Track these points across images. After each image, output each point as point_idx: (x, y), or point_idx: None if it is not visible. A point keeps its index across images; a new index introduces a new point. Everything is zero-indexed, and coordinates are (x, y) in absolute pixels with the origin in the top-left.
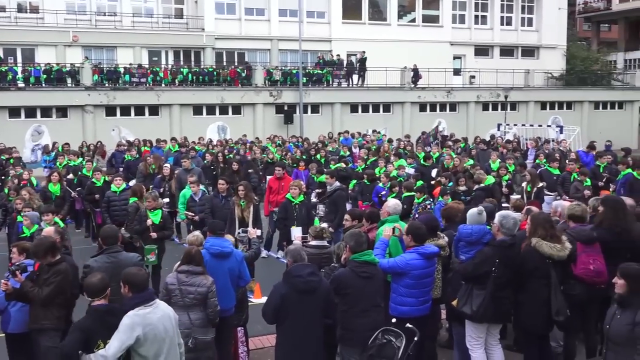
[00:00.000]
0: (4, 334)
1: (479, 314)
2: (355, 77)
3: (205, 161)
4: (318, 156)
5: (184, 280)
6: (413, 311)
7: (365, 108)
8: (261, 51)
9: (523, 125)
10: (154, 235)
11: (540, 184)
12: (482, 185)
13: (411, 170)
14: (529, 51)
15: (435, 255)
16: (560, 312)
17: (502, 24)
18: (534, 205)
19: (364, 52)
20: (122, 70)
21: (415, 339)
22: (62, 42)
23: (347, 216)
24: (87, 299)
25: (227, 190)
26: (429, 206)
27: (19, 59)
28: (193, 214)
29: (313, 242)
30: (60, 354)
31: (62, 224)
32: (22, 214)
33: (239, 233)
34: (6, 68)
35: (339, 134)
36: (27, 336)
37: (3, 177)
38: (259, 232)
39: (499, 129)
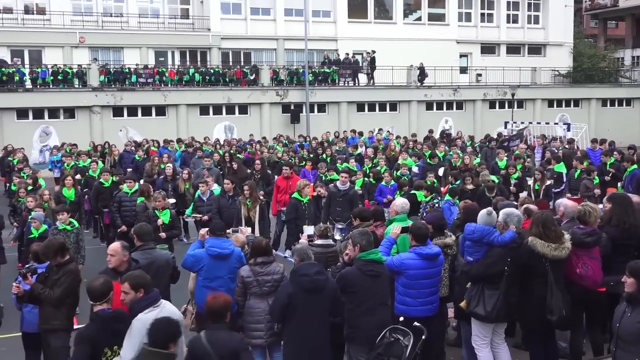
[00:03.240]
0: (20, 333)
1: (493, 315)
2: (362, 76)
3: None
4: (324, 155)
5: (259, 271)
6: (412, 311)
7: (371, 107)
8: (267, 51)
9: (530, 123)
10: (163, 235)
11: (548, 182)
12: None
13: (416, 169)
14: (536, 49)
15: (435, 257)
16: (554, 311)
17: (508, 21)
18: (542, 204)
19: (373, 51)
20: (128, 70)
21: (423, 337)
22: (69, 43)
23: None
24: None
25: (234, 190)
26: (437, 204)
27: (27, 60)
28: (200, 215)
29: (318, 241)
30: None
31: (77, 224)
32: (30, 215)
33: (228, 233)
34: (14, 69)
35: (344, 132)
36: (39, 335)
37: (12, 178)
38: (249, 230)
39: (506, 127)
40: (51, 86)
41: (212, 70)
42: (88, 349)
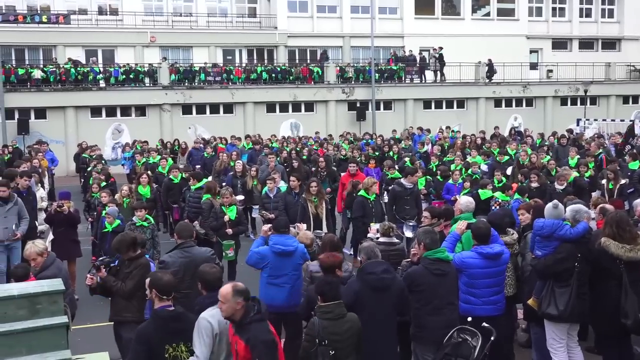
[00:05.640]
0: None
1: (567, 313)
2: (429, 72)
3: (278, 158)
4: (390, 153)
5: None
6: (476, 310)
7: (438, 104)
8: (333, 48)
9: (604, 120)
10: (230, 231)
11: (623, 181)
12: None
13: (485, 167)
14: (610, 43)
15: (497, 256)
16: (629, 315)
17: (581, 15)
18: (616, 204)
19: (440, 47)
20: (197, 69)
21: (492, 338)
22: (140, 42)
23: (426, 213)
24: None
25: (300, 187)
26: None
27: (100, 60)
28: (268, 213)
29: (382, 239)
30: None
31: (153, 220)
32: (105, 210)
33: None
34: (88, 69)
35: (411, 127)
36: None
37: (91, 173)
38: (304, 226)
39: (578, 125)
40: (123, 85)
41: (278, 68)
42: (145, 347)
